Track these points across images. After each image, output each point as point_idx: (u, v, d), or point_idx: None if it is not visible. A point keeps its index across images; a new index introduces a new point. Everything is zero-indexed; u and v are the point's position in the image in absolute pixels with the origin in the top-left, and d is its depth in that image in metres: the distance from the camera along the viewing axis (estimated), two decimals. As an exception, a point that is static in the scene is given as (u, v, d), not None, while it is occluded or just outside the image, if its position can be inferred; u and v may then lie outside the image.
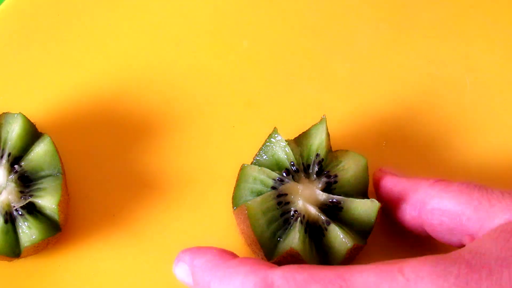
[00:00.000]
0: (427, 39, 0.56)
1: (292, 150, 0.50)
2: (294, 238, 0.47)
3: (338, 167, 0.50)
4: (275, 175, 0.49)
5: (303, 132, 0.51)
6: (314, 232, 0.48)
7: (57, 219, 0.48)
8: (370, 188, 0.51)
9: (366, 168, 0.50)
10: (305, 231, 0.48)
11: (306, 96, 0.55)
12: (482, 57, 0.55)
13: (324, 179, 0.49)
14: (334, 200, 0.49)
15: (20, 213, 0.48)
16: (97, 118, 0.54)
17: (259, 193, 0.49)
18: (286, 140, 0.50)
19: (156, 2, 0.57)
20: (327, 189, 0.49)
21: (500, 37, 0.56)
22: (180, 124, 0.54)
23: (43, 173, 0.49)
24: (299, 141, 0.51)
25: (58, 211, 0.48)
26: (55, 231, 0.49)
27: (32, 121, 0.50)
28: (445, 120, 0.54)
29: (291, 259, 0.47)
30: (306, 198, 0.49)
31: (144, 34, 0.56)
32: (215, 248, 0.44)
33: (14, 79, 0.55)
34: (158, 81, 0.55)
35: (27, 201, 0.48)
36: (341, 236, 0.47)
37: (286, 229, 0.48)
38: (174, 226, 0.52)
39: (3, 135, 0.50)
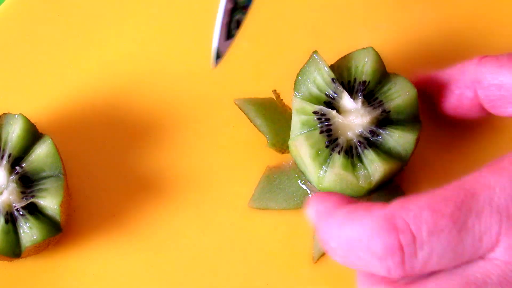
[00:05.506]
0: (427, 39, 0.56)
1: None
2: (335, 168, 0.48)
3: (385, 93, 0.50)
4: (330, 84, 0.49)
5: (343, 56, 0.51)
6: (354, 156, 0.49)
7: (58, 220, 0.49)
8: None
9: (415, 97, 0.49)
10: (347, 156, 0.48)
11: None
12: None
13: (371, 109, 0.49)
14: (374, 132, 0.49)
15: (21, 213, 0.48)
16: (97, 119, 0.54)
17: (315, 96, 0.50)
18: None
19: (156, 2, 0.57)
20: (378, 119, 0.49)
21: (501, 38, 0.56)
22: (180, 124, 0.54)
23: (44, 174, 0.49)
24: (339, 65, 0.51)
25: (60, 211, 0.48)
26: (56, 231, 0.49)
27: (32, 121, 0.50)
28: (445, 120, 0.54)
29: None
30: (349, 126, 0.49)
31: (145, 34, 0.56)
32: (336, 196, 0.43)
33: (14, 79, 0.55)
34: (158, 81, 0.55)
35: (28, 201, 0.48)
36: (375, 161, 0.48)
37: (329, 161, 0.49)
38: (174, 226, 0.52)
39: (4, 136, 0.50)
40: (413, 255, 0.39)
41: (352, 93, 0.50)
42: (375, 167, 0.48)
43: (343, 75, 0.50)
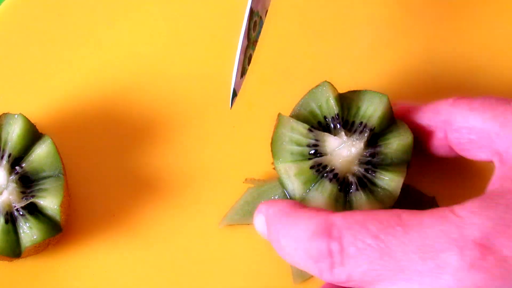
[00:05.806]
0: (427, 39, 0.56)
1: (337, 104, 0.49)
2: (321, 195, 0.48)
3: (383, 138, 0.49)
4: (308, 135, 0.49)
5: (353, 91, 0.50)
6: (347, 189, 0.49)
7: (58, 220, 0.49)
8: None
9: (411, 143, 0.49)
10: (339, 189, 0.48)
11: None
12: (483, 58, 0.55)
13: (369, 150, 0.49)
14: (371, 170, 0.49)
15: (21, 213, 0.48)
16: (97, 119, 0.54)
17: (297, 153, 0.49)
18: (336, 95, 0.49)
19: (156, 3, 0.57)
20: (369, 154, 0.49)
21: (501, 38, 0.56)
22: (180, 124, 0.54)
23: (44, 174, 0.49)
24: (348, 98, 0.50)
25: (60, 211, 0.48)
26: (56, 231, 0.49)
27: (32, 121, 0.50)
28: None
29: None
30: (344, 158, 0.49)
31: (144, 35, 0.56)
32: (289, 200, 0.46)
33: (14, 79, 0.55)
34: (158, 82, 0.55)
35: (28, 201, 0.48)
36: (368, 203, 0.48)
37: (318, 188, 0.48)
38: (174, 226, 0.52)
39: (4, 136, 0.50)
40: (340, 264, 0.42)
41: (346, 127, 0.49)
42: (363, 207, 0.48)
43: (350, 112, 0.50)
